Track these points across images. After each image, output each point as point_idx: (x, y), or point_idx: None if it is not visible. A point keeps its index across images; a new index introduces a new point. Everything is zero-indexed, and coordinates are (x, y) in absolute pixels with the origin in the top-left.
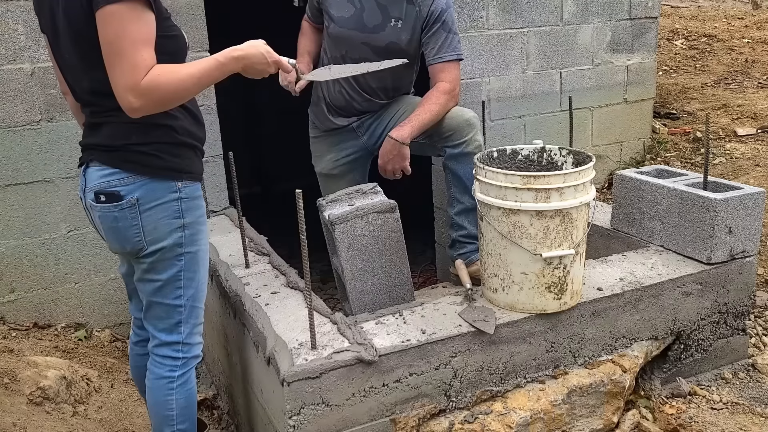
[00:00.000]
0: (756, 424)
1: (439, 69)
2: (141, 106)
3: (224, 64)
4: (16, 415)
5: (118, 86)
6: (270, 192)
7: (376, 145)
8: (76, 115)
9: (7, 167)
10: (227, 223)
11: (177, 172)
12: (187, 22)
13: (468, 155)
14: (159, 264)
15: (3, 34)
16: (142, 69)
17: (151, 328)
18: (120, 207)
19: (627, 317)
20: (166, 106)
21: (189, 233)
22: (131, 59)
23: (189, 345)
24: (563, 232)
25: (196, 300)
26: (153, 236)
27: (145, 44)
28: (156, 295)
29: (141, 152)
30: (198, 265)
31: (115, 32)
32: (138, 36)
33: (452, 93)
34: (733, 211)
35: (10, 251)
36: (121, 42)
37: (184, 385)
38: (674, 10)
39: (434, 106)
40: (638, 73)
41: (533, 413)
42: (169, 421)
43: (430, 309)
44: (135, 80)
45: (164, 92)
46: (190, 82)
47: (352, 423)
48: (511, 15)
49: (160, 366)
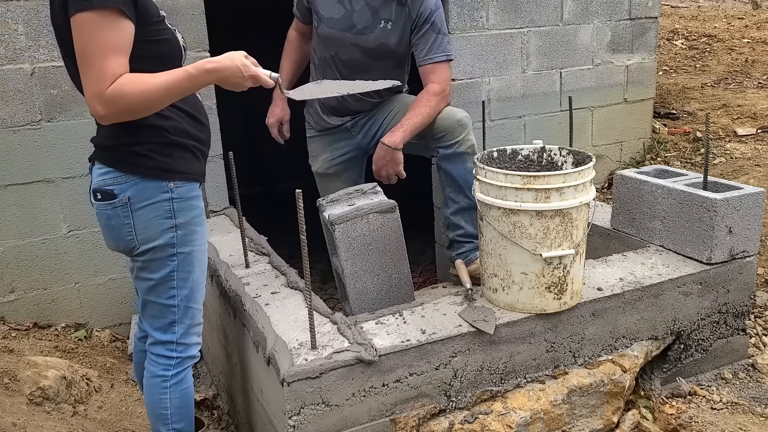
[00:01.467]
0: (756, 424)
1: (430, 70)
2: (106, 114)
3: (195, 76)
4: (16, 415)
5: (87, 93)
6: (270, 192)
7: (371, 144)
8: None
9: (7, 167)
10: (227, 223)
11: (168, 173)
12: (187, 22)
13: (461, 155)
14: (152, 263)
15: (3, 34)
16: (108, 77)
17: (147, 325)
18: (113, 205)
19: (627, 317)
20: (134, 114)
21: (182, 233)
22: (98, 67)
23: (184, 345)
24: (563, 232)
25: (191, 300)
26: (144, 235)
27: (115, 52)
28: (150, 294)
29: (133, 152)
30: (192, 266)
31: (84, 40)
32: (107, 44)
33: (443, 94)
34: (733, 211)
35: (10, 251)
36: (90, 50)
37: (179, 384)
38: (674, 10)
39: (425, 108)
40: (638, 73)
41: (533, 413)
42: (164, 420)
43: (430, 309)
44: (100, 89)
45: (129, 101)
46: (156, 93)
47: (352, 423)
48: (511, 15)
49: (154, 364)
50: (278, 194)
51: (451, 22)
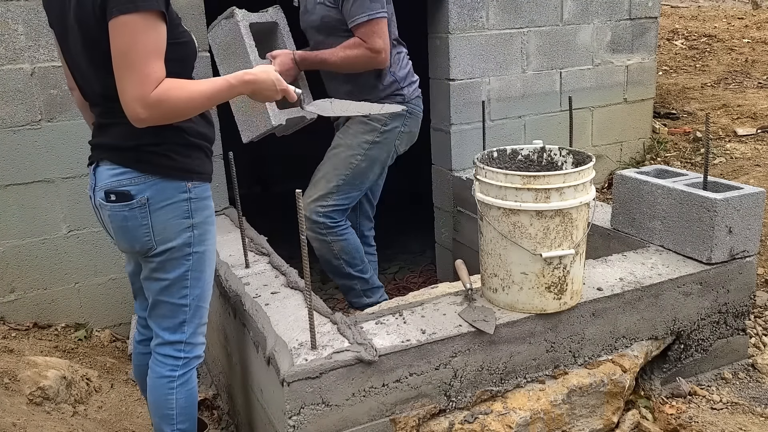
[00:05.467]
0: (756, 424)
1: (355, 32)
2: (147, 117)
3: (235, 86)
4: (16, 415)
5: (127, 95)
6: (270, 192)
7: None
8: (83, 112)
9: (7, 167)
10: (227, 223)
11: (187, 173)
12: (188, 22)
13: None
14: (167, 263)
15: (3, 34)
16: (152, 81)
17: (155, 326)
18: (130, 206)
19: (627, 317)
20: (171, 119)
21: (198, 233)
22: (142, 70)
23: (192, 345)
24: (563, 232)
25: (202, 300)
26: (162, 236)
27: (156, 56)
28: (162, 294)
29: (152, 152)
30: (205, 265)
31: (126, 43)
32: (150, 48)
33: (364, 46)
34: (733, 211)
35: (10, 251)
36: (132, 53)
37: (185, 384)
38: (674, 10)
39: (339, 50)
40: (638, 73)
41: (533, 413)
42: (169, 420)
43: (430, 309)
44: (144, 92)
45: (172, 106)
46: (199, 100)
47: (352, 423)
48: (511, 15)
49: (161, 365)
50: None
51: (451, 22)
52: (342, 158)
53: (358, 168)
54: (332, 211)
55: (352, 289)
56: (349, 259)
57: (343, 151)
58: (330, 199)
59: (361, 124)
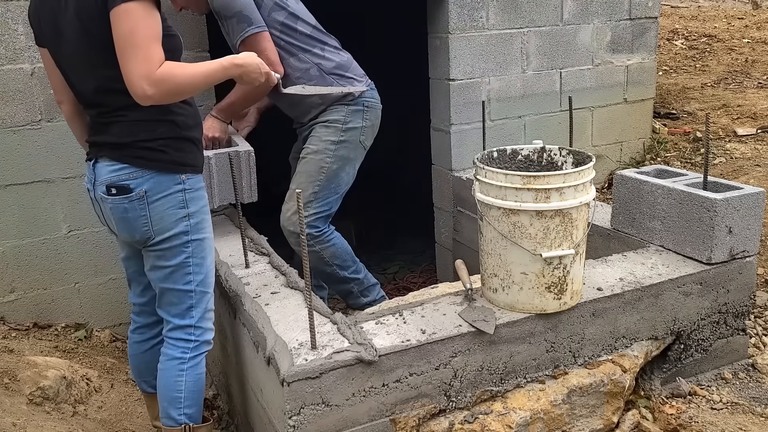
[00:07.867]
0: (756, 424)
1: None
2: (154, 93)
3: (227, 68)
4: (16, 415)
5: (133, 75)
6: (270, 192)
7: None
8: (72, 125)
9: (7, 167)
10: (227, 223)
11: (181, 166)
12: (188, 22)
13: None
14: (168, 251)
15: (3, 34)
16: (156, 60)
17: (165, 314)
18: (129, 199)
19: (627, 317)
20: (174, 97)
21: (194, 222)
22: (146, 51)
23: (201, 329)
24: (563, 232)
25: (206, 285)
26: (160, 225)
27: (156, 39)
28: (167, 281)
29: (148, 148)
30: (205, 252)
31: (129, 28)
32: (150, 32)
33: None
34: (733, 211)
35: (10, 251)
36: (136, 35)
37: (195, 368)
38: (674, 10)
39: (238, 89)
40: (638, 73)
41: (533, 413)
42: (176, 404)
43: (430, 309)
44: (150, 70)
45: (176, 84)
46: (199, 79)
47: (352, 423)
48: (511, 15)
49: (173, 348)
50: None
51: (451, 22)
52: (312, 165)
53: (330, 170)
54: (314, 220)
55: (350, 292)
56: (340, 263)
57: (312, 157)
58: (310, 208)
59: (323, 127)
